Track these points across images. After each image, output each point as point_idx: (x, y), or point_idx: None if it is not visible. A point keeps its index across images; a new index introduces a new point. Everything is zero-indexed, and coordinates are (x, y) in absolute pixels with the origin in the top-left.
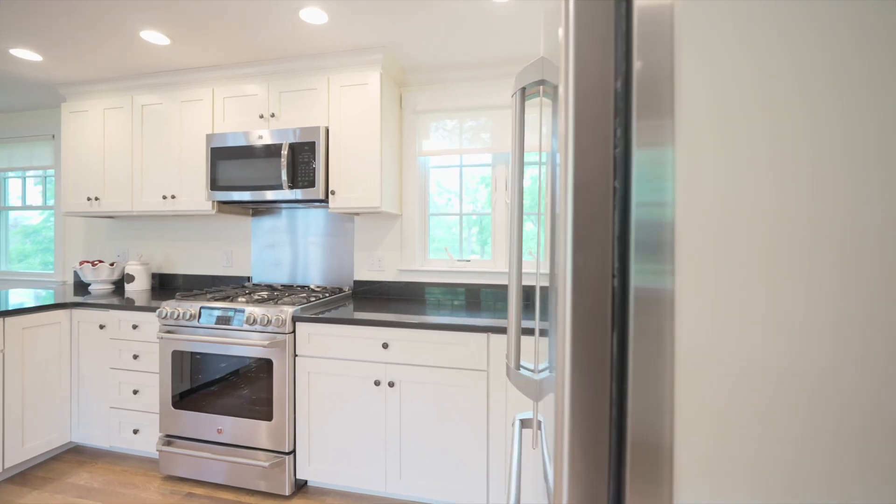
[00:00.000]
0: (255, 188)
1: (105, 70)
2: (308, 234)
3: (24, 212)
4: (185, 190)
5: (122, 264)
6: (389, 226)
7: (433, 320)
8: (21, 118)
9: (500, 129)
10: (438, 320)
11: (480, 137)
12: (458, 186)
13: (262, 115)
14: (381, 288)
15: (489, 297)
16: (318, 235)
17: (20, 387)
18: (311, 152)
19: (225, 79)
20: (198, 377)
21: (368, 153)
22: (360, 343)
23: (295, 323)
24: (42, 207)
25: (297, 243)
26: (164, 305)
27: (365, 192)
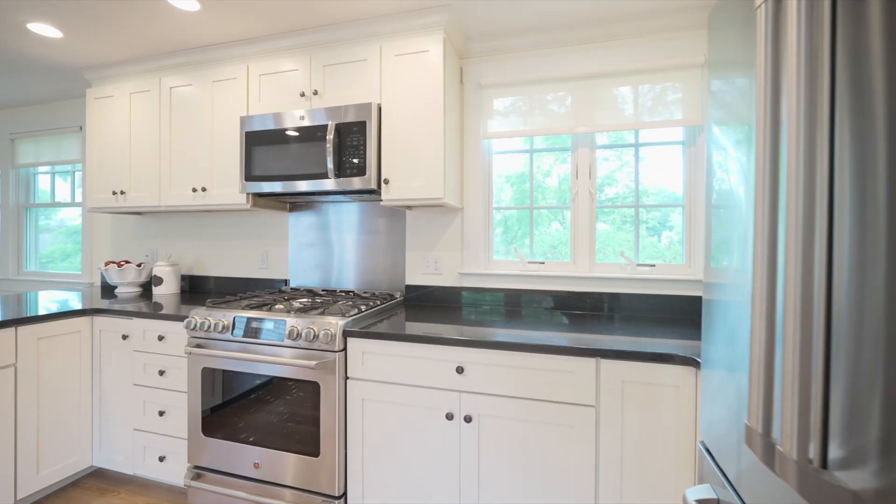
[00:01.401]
0: (296, 177)
1: (130, 48)
2: (352, 231)
3: (67, 211)
4: (216, 181)
5: (149, 265)
6: (447, 222)
7: (522, 338)
8: (48, 110)
9: (582, 104)
10: (529, 338)
11: (558, 115)
12: (524, 174)
13: (304, 94)
14: (437, 294)
15: (571, 307)
16: (363, 233)
17: (35, 406)
18: (361, 134)
19: (261, 53)
20: (231, 399)
21: (429, 134)
22: (428, 365)
23: (346, 338)
24: (70, 204)
25: (339, 242)
26: (194, 315)
27: (425, 181)
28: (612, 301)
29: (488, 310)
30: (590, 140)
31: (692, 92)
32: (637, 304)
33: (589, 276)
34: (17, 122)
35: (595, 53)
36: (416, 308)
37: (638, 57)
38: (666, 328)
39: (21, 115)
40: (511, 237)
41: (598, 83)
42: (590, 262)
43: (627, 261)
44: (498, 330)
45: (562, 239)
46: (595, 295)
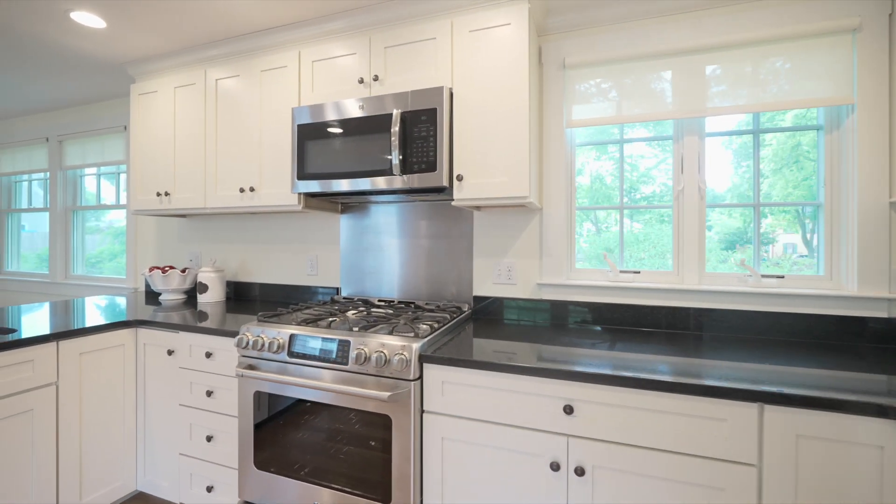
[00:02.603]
0: (355, 175)
1: (174, 38)
2: (410, 234)
3: (114, 213)
4: (265, 181)
5: (194, 271)
6: (522, 224)
7: (647, 370)
8: (93, 111)
9: (690, 84)
10: (653, 368)
11: (659, 98)
12: (612, 169)
13: (362, 80)
14: (511, 307)
15: (674, 325)
16: (422, 237)
17: (77, 427)
18: (430, 123)
19: (313, 38)
20: (287, 429)
21: (511, 122)
22: (527, 401)
23: (422, 364)
24: (115, 207)
25: (395, 247)
26: (245, 332)
27: (505, 178)
28: (727, 319)
29: (575, 327)
30: (698, 127)
31: (839, 64)
32: (761, 323)
33: (697, 288)
34: (64, 124)
35: (706, 22)
36: (487, 323)
37: (763, 23)
38: (816, 357)
39: (67, 117)
40: (659, 243)
41: (711, 58)
42: (699, 273)
43: (751, 271)
44: (606, 354)
45: (644, 242)
46: (706, 312)
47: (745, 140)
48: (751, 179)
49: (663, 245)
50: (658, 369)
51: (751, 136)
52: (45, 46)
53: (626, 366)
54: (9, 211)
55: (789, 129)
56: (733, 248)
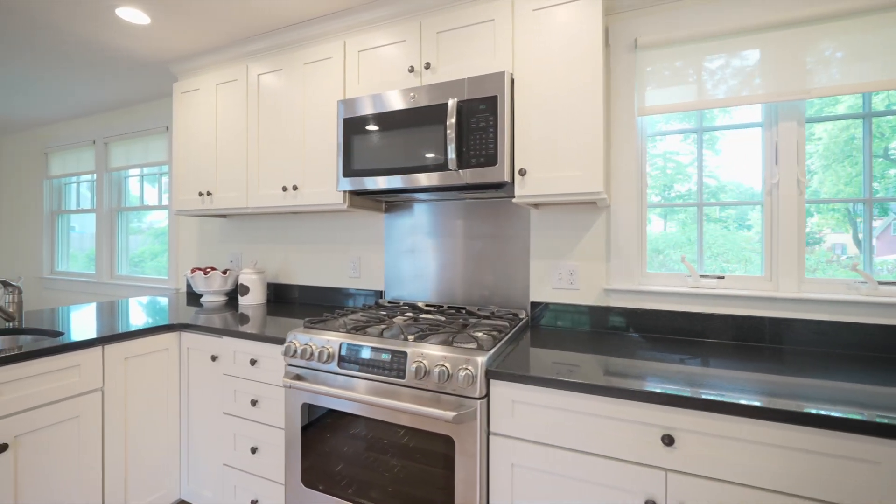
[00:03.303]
0: (407, 171)
1: (216, 33)
2: (459, 234)
3: (154, 214)
4: (309, 179)
5: (235, 273)
6: (586, 224)
7: (765, 394)
8: (136, 112)
9: (786, 62)
10: (770, 389)
11: (747, 80)
12: (687, 162)
13: (413, 69)
14: (573, 314)
15: (767, 338)
16: (473, 237)
17: (122, 434)
18: (490, 113)
19: (359, 26)
20: (336, 444)
21: (581, 111)
22: (615, 428)
23: (489, 380)
24: (158, 207)
25: (444, 248)
26: (292, 339)
27: (576, 171)
28: (837, 334)
29: (650, 339)
30: (796, 111)
31: None
32: (878, 338)
33: (797, 296)
34: (109, 126)
35: None
36: (547, 332)
37: None
38: None
39: (112, 119)
40: (658, 245)
41: (814, 31)
42: (797, 278)
43: (865, 277)
44: (703, 373)
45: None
46: (807, 324)
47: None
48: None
49: (719, 247)
50: (776, 394)
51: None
52: (91, 46)
53: (735, 388)
54: (59, 212)
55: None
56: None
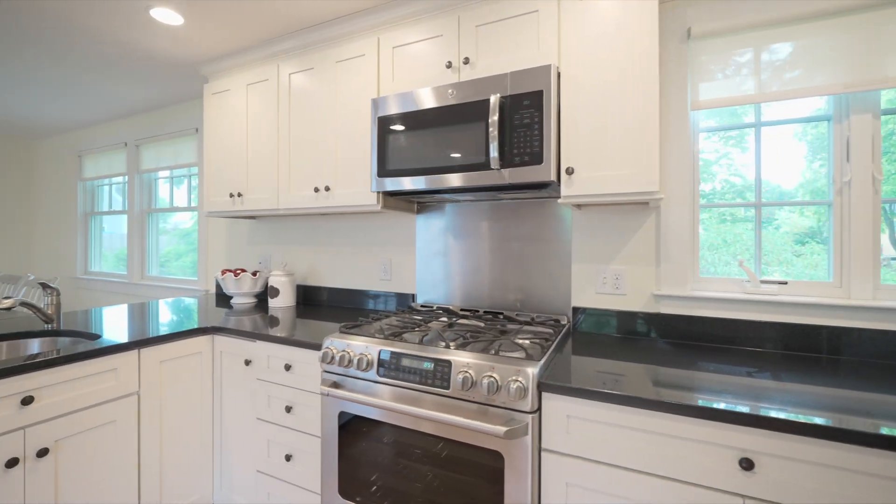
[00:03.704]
0: (444, 170)
1: (247, 32)
2: (495, 236)
3: (179, 215)
4: (341, 180)
5: (264, 275)
6: (634, 225)
7: (859, 411)
8: (166, 114)
9: (857, 50)
10: (860, 406)
11: (813, 70)
12: (714, 160)
13: (450, 64)
14: (619, 321)
15: (838, 350)
16: (511, 239)
17: (158, 438)
18: (534, 109)
19: (394, 21)
20: (375, 454)
21: (636, 104)
22: (686, 449)
23: (541, 393)
24: (187, 209)
25: (478, 250)
26: (329, 346)
27: (630, 169)
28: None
29: (706, 348)
30: (871, 102)
31: None
32: None
33: (871, 305)
34: (140, 129)
35: None
36: (592, 340)
37: None
38: None
39: (143, 122)
40: (709, 248)
41: (891, 14)
42: (872, 285)
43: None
44: (778, 388)
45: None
46: (884, 335)
47: (821, 129)
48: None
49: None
50: (869, 413)
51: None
52: (126, 49)
53: (818, 406)
54: (93, 213)
55: None
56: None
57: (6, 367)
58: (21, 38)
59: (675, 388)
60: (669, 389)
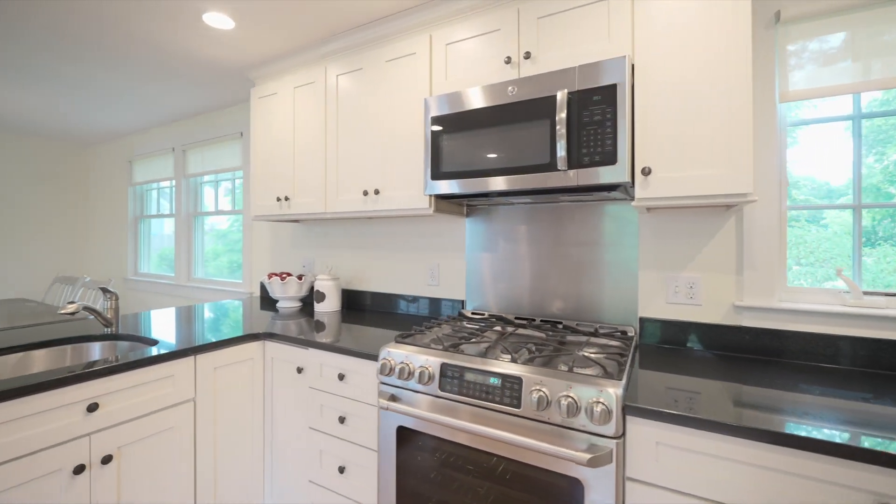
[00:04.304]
0: (505, 171)
1: (296, 34)
2: (551, 241)
3: (215, 217)
4: (391, 182)
5: (309, 279)
6: (710, 229)
7: None
8: (210, 119)
9: None
10: None
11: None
12: (794, 156)
13: (510, 59)
14: (694, 333)
15: None
16: (568, 244)
17: (212, 444)
18: (607, 105)
19: (447, 17)
20: (436, 473)
21: (725, 97)
22: (806, 489)
23: (625, 417)
24: (232, 212)
25: (534, 255)
26: (387, 357)
27: (718, 169)
28: None
29: (799, 366)
30: None
31: None
32: None
33: None
34: (187, 134)
35: None
36: (665, 354)
37: None
38: None
39: (190, 127)
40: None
41: None
42: None
43: None
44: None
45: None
46: None
47: (878, 123)
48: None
49: (823, 251)
50: None
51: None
52: (178, 55)
53: None
54: (142, 217)
55: None
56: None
57: (73, 375)
58: (81, 46)
59: (782, 413)
60: (776, 416)
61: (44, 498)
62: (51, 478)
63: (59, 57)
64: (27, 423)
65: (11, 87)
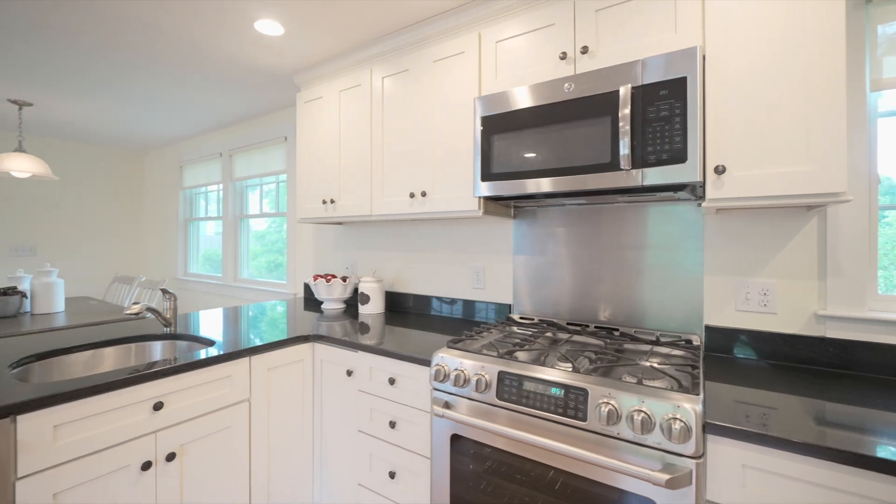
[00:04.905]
0: (563, 172)
1: (343, 38)
2: (605, 244)
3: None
4: (439, 184)
5: (353, 280)
6: (788, 231)
7: None
8: (257, 124)
9: None
10: None
11: None
12: None
13: (565, 55)
14: (770, 344)
15: None
16: (624, 247)
17: (266, 444)
18: (676, 99)
19: (497, 14)
20: (492, 484)
21: (813, 87)
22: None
23: (706, 435)
24: (276, 214)
25: (585, 258)
26: (441, 363)
27: (801, 167)
28: None
29: (893, 382)
30: None
31: None
32: None
33: None
34: (233, 139)
35: None
36: (736, 366)
37: None
38: None
39: (236, 132)
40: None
41: None
42: None
43: None
44: None
45: None
46: None
47: None
48: None
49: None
50: None
51: None
52: (229, 62)
53: None
54: (191, 219)
55: None
56: None
57: (142, 374)
58: (141, 57)
59: (885, 437)
60: (880, 440)
61: (114, 492)
62: (120, 473)
63: (112, 65)
64: (100, 420)
65: (77, 99)
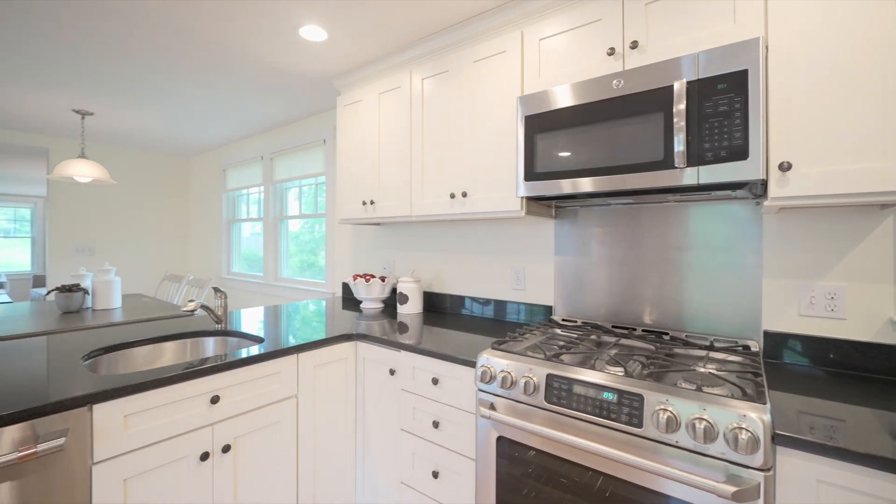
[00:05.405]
0: (613, 171)
1: (383, 41)
2: (653, 244)
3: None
4: (481, 185)
5: (391, 280)
6: (859, 231)
7: None
8: (297, 128)
9: None
10: None
11: None
12: None
13: (613, 51)
14: (838, 351)
15: None
16: (673, 248)
17: (312, 439)
18: (736, 93)
19: (540, 12)
20: (541, 490)
21: (888, 75)
22: None
23: (775, 448)
24: (315, 215)
25: (631, 259)
26: (487, 364)
27: (882, 162)
28: None
29: None
30: None
31: None
32: None
33: None
34: (274, 143)
35: None
36: (800, 374)
37: None
38: None
39: (276, 136)
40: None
41: None
42: None
43: None
44: None
45: None
46: None
47: None
48: None
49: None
50: None
51: None
52: (273, 68)
53: None
54: (234, 220)
55: None
56: None
57: (201, 369)
58: (194, 70)
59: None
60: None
61: (174, 481)
62: (181, 463)
63: (168, 78)
64: (164, 412)
65: (133, 108)
